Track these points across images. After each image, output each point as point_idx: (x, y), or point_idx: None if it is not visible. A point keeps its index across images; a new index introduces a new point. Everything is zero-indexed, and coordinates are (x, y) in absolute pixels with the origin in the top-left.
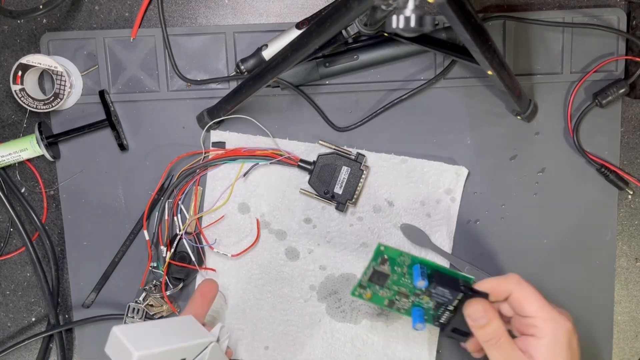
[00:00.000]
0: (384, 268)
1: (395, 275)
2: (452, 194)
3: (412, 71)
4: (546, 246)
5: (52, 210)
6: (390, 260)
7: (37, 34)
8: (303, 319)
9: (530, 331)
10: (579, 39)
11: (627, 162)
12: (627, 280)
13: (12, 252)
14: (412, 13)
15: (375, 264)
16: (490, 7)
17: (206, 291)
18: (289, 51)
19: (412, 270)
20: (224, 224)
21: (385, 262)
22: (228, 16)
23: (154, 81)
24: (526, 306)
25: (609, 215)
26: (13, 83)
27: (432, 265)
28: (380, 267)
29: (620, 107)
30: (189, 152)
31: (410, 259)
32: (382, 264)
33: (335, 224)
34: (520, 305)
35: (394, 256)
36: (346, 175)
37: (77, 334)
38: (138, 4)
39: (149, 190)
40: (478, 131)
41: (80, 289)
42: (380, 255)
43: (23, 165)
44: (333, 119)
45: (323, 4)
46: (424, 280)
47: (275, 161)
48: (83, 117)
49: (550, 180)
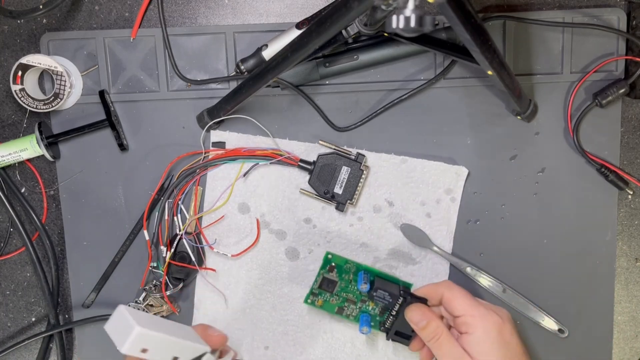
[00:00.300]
0: (332, 275)
1: (343, 282)
2: (452, 194)
3: (412, 71)
4: (546, 246)
5: (52, 210)
6: (337, 268)
7: (37, 34)
8: (303, 319)
9: (464, 329)
10: (579, 39)
11: (627, 162)
12: (627, 280)
13: (12, 252)
14: (412, 13)
15: (325, 271)
16: (490, 7)
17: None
18: (289, 51)
19: (357, 277)
20: (224, 224)
21: (333, 269)
22: (228, 16)
23: (154, 81)
24: (456, 306)
25: (609, 215)
26: (13, 83)
27: (375, 271)
28: (329, 275)
29: (620, 107)
30: (189, 152)
31: (355, 266)
32: (330, 272)
33: (335, 224)
34: (452, 306)
35: (340, 263)
36: (346, 175)
37: (77, 334)
38: (138, 4)
39: (149, 190)
40: (478, 131)
41: (80, 289)
42: (329, 263)
43: (23, 165)
44: (333, 119)
45: (323, 4)
46: (366, 284)
47: (275, 161)
48: (83, 117)
49: (550, 180)
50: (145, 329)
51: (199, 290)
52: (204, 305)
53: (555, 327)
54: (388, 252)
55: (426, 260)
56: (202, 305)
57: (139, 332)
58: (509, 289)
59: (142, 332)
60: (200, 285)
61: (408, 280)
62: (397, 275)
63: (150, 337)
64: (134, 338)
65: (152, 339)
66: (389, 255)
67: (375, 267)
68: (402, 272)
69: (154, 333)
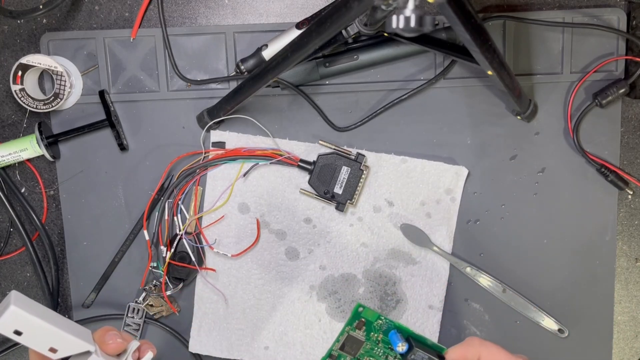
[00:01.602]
0: (359, 334)
1: (369, 343)
2: (452, 194)
3: (412, 71)
4: (546, 246)
5: (52, 210)
6: (366, 324)
7: (37, 34)
8: (303, 319)
9: None
10: (579, 39)
11: (627, 162)
12: (627, 280)
13: (12, 252)
14: (412, 13)
15: (351, 328)
16: (490, 7)
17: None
18: (289, 51)
19: (387, 337)
20: (224, 224)
21: (362, 326)
22: (228, 16)
23: (154, 81)
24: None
25: (609, 215)
26: (13, 83)
27: (408, 331)
28: (355, 333)
29: (620, 107)
30: (189, 152)
31: (387, 323)
32: (358, 329)
33: (335, 224)
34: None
35: (372, 319)
36: (346, 175)
37: None
38: (138, 4)
39: (149, 190)
40: (478, 131)
41: (80, 289)
42: (358, 318)
43: (23, 165)
44: (333, 119)
45: (323, 4)
46: (403, 344)
47: (275, 161)
48: (83, 117)
49: (550, 180)
50: (21, 310)
51: (199, 290)
52: (204, 305)
53: (555, 327)
54: (388, 252)
55: (426, 260)
56: (202, 305)
57: (13, 311)
58: (509, 289)
59: (16, 312)
60: (200, 285)
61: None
62: (397, 275)
63: (26, 320)
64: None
65: (27, 322)
66: (389, 255)
67: (374, 267)
68: (402, 272)
69: (30, 317)
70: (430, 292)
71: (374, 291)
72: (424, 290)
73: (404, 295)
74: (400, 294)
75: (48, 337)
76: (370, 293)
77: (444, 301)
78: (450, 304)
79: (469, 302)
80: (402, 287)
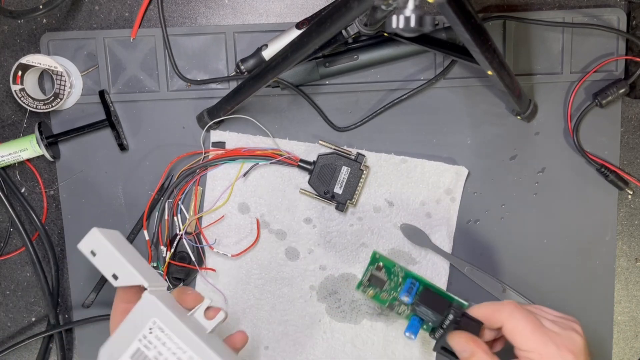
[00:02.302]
0: (380, 274)
1: (392, 282)
2: (452, 194)
3: (412, 71)
4: (546, 246)
5: (52, 210)
6: (385, 269)
7: (37, 34)
8: (303, 319)
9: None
10: (579, 39)
11: (627, 162)
12: (627, 280)
13: (12, 252)
14: (412, 13)
15: (373, 268)
16: (490, 7)
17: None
18: (289, 51)
19: (405, 283)
20: (224, 224)
21: (381, 269)
22: (228, 16)
23: (154, 81)
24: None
25: (609, 215)
26: (13, 83)
27: (426, 283)
28: (377, 273)
29: (620, 107)
30: (189, 152)
31: (404, 271)
32: (378, 270)
33: (335, 224)
34: (514, 338)
35: (389, 266)
36: (346, 175)
37: (77, 334)
38: (138, 4)
39: (149, 190)
40: (478, 131)
41: (80, 289)
42: (376, 262)
43: (23, 165)
44: (333, 119)
45: (323, 4)
46: (409, 295)
47: (275, 161)
48: (83, 117)
49: (550, 180)
50: (100, 234)
51: (199, 290)
52: None
53: None
54: (388, 252)
55: (426, 260)
56: None
57: (93, 232)
58: (509, 289)
59: (96, 234)
60: (200, 285)
61: None
62: None
63: (101, 244)
64: (88, 236)
65: (102, 245)
66: (388, 255)
67: None
68: None
69: (105, 242)
70: None
71: None
72: None
73: None
74: None
75: (114, 264)
76: None
77: None
78: None
79: (469, 302)
80: None
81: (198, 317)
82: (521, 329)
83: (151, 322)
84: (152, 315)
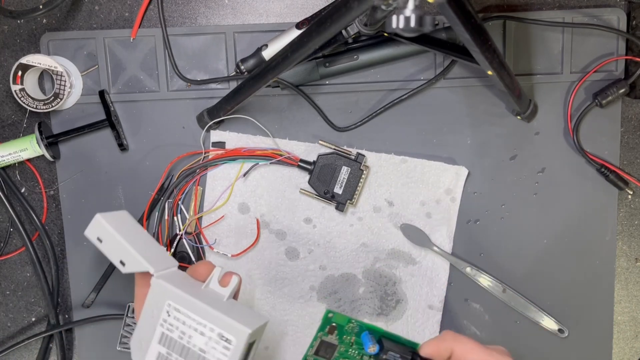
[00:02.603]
0: (332, 338)
1: (343, 345)
2: (452, 194)
3: (412, 71)
4: (546, 246)
5: (52, 210)
6: (338, 329)
7: (37, 34)
8: (303, 319)
9: None
10: (579, 39)
11: (627, 162)
12: (627, 280)
13: (12, 252)
14: (412, 13)
15: (323, 334)
16: (490, 7)
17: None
18: (289, 51)
19: (360, 339)
20: (224, 224)
21: (334, 330)
22: (228, 16)
23: (154, 81)
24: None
25: (609, 215)
26: (13, 83)
27: (380, 331)
28: (328, 338)
29: (620, 107)
30: (189, 152)
31: (359, 325)
32: (330, 333)
33: (335, 224)
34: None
35: (342, 323)
36: (346, 175)
37: (77, 334)
38: (138, 4)
39: (149, 190)
40: (478, 131)
41: (80, 289)
42: (329, 323)
43: (23, 165)
44: (333, 119)
45: (323, 4)
46: (374, 345)
47: (275, 161)
48: (83, 117)
49: (550, 180)
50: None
51: None
52: None
53: (555, 327)
54: (388, 252)
55: (426, 260)
56: None
57: (97, 219)
58: (509, 289)
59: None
60: None
61: (408, 280)
62: (397, 275)
63: (106, 231)
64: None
65: (107, 232)
66: (389, 255)
67: (374, 267)
68: (402, 272)
69: (110, 228)
70: (430, 292)
71: (374, 291)
72: (424, 291)
73: (404, 295)
74: (400, 294)
75: (120, 250)
76: (370, 293)
77: (444, 301)
78: (450, 304)
79: (469, 302)
80: (402, 287)
81: (213, 286)
82: (470, 347)
83: (166, 305)
84: (165, 298)
